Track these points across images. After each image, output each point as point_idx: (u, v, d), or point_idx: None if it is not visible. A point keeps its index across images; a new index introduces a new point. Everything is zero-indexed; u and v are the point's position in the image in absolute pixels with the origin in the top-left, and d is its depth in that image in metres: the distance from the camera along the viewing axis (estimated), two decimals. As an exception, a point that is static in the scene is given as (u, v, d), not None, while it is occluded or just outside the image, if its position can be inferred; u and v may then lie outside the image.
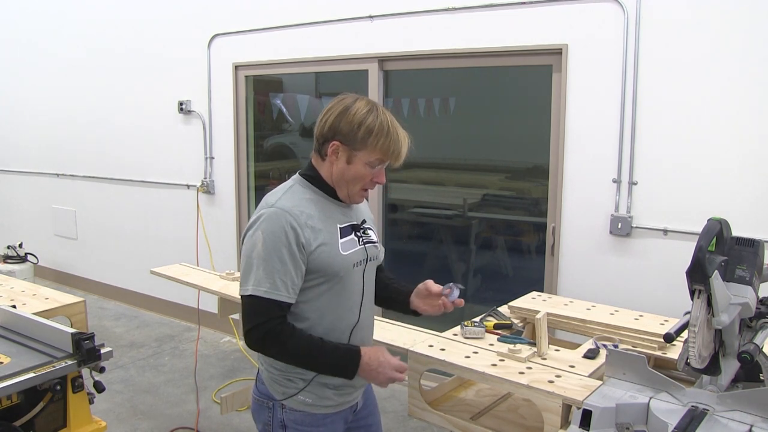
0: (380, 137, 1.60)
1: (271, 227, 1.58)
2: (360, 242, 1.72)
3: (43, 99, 5.99)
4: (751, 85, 2.82)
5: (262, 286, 1.57)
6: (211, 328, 4.88)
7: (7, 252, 5.81)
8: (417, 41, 3.71)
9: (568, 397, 1.79)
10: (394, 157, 1.64)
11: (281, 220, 1.58)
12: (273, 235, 1.57)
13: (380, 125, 1.60)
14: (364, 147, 1.61)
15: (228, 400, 3.08)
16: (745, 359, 1.58)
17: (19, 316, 2.17)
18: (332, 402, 1.73)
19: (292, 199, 1.64)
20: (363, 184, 1.67)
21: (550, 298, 2.83)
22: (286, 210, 1.60)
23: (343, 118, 1.61)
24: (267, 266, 1.57)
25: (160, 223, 5.26)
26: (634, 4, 3.03)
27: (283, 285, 1.57)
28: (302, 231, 1.59)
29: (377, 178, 1.67)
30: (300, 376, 1.69)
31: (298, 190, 1.68)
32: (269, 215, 1.59)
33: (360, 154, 1.62)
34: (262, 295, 1.57)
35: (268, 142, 4.97)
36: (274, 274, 1.56)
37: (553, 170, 3.40)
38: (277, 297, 1.57)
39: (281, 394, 1.71)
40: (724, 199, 2.91)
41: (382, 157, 1.63)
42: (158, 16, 4.97)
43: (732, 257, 1.64)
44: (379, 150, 1.61)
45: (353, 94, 1.69)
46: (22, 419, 1.83)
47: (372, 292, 1.82)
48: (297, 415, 1.71)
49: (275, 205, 1.61)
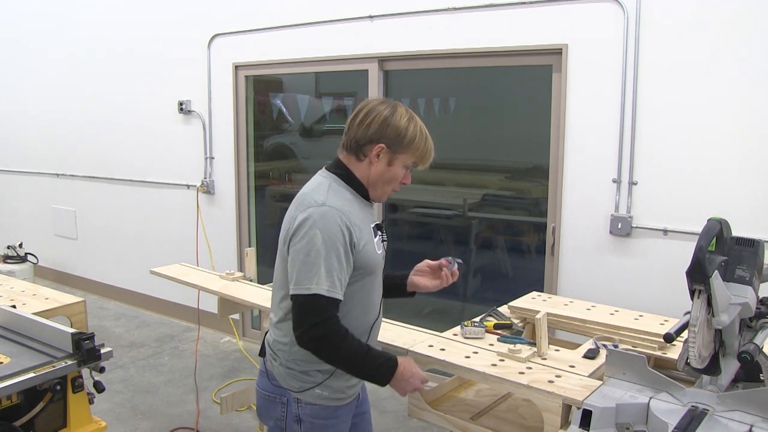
0: (420, 142, 1.73)
1: (328, 226, 1.62)
2: (382, 242, 1.81)
3: (43, 99, 5.99)
4: (751, 85, 2.82)
5: (324, 285, 1.60)
6: (211, 328, 4.88)
7: (7, 252, 5.81)
8: (417, 41, 3.71)
9: (568, 397, 1.79)
10: (426, 160, 1.77)
11: (336, 219, 1.63)
12: (331, 233, 1.61)
13: (420, 132, 1.73)
14: (406, 151, 1.72)
15: (228, 400, 3.07)
16: (745, 359, 1.58)
17: (19, 316, 2.17)
18: (344, 395, 1.79)
19: (338, 198, 1.69)
20: (394, 186, 1.78)
21: (550, 298, 2.83)
22: (338, 209, 1.65)
23: (390, 124, 1.70)
24: (327, 264, 1.60)
25: (160, 223, 5.26)
26: (634, 4, 3.03)
27: (340, 284, 1.62)
28: (353, 230, 1.65)
29: (405, 179, 1.79)
30: (318, 369, 1.73)
31: (338, 189, 1.72)
32: (324, 214, 1.63)
33: (401, 157, 1.72)
34: (324, 294, 1.59)
35: (268, 142, 4.97)
36: (333, 273, 1.61)
37: (553, 170, 3.41)
38: (336, 296, 1.62)
39: (298, 387, 1.75)
40: (724, 199, 2.91)
41: (417, 161, 1.75)
42: (158, 16, 4.97)
43: (732, 257, 1.64)
44: (418, 154, 1.74)
45: (385, 99, 1.79)
46: (22, 419, 1.83)
47: None
48: (313, 409, 1.75)
49: (326, 204, 1.65)
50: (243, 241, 4.78)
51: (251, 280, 3.19)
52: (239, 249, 4.76)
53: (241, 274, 3.21)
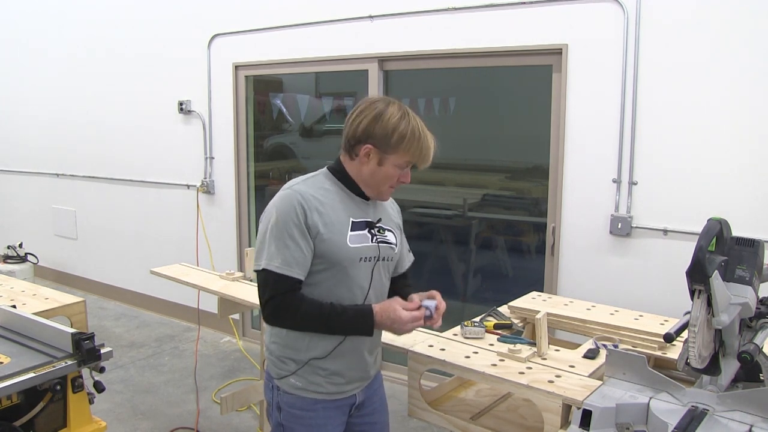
0: (412, 142, 1.68)
1: (283, 206, 1.67)
2: (373, 240, 1.77)
3: (43, 99, 5.99)
4: (751, 85, 2.82)
5: (275, 261, 1.64)
6: (211, 328, 4.88)
7: (7, 252, 5.81)
8: (417, 41, 3.71)
9: (568, 397, 1.79)
10: (423, 160, 1.73)
11: (292, 200, 1.67)
12: (285, 213, 1.66)
13: (412, 131, 1.68)
14: (395, 151, 1.69)
15: (228, 400, 3.07)
16: (745, 359, 1.58)
17: (19, 316, 2.17)
18: (323, 389, 1.77)
19: (308, 185, 1.73)
20: (390, 184, 1.75)
21: (550, 298, 2.83)
22: (298, 192, 1.69)
23: (378, 123, 1.67)
24: (278, 243, 1.65)
25: (160, 223, 5.26)
26: (634, 4, 3.03)
27: (294, 261, 1.64)
28: (310, 213, 1.66)
29: (404, 178, 1.75)
30: (292, 357, 1.75)
31: (318, 180, 1.77)
32: (283, 196, 1.70)
33: (391, 157, 1.70)
34: (274, 269, 1.64)
35: (268, 142, 4.97)
36: (285, 251, 1.64)
37: (553, 170, 3.41)
38: (289, 273, 1.64)
39: (276, 374, 1.80)
40: (724, 199, 2.91)
41: (411, 160, 1.72)
42: (158, 16, 4.97)
43: (732, 257, 1.64)
44: (409, 154, 1.70)
45: (384, 96, 1.79)
46: (22, 419, 1.82)
47: (382, 291, 1.85)
48: (289, 398, 1.78)
49: (291, 188, 1.71)
50: (243, 241, 4.78)
51: (251, 280, 3.19)
52: (239, 249, 4.76)
53: (241, 274, 3.21)
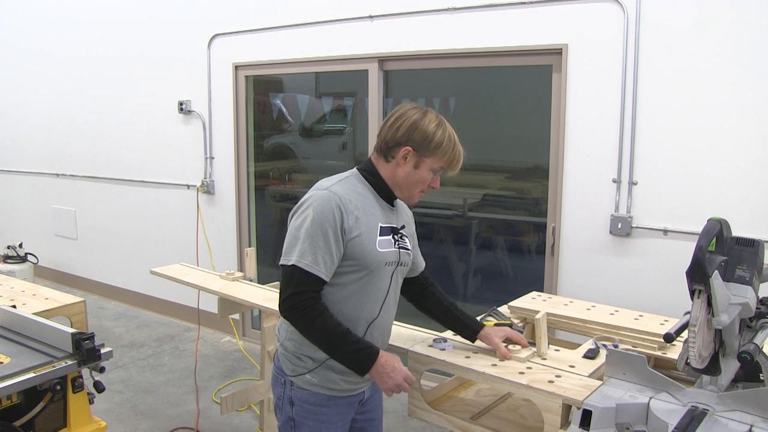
0: (448, 149, 1.78)
1: (321, 207, 1.70)
2: (395, 245, 1.83)
3: (42, 99, 5.99)
4: (752, 85, 2.82)
5: (305, 259, 1.67)
6: (211, 328, 4.88)
7: (7, 252, 5.81)
8: (417, 41, 3.71)
9: (568, 397, 1.79)
10: (455, 166, 1.82)
11: (331, 202, 1.71)
12: (322, 214, 1.69)
13: (449, 137, 1.79)
14: (433, 155, 1.77)
15: (228, 400, 3.07)
16: (745, 359, 1.58)
17: (19, 316, 2.17)
18: (337, 386, 1.82)
19: (344, 187, 1.77)
20: (422, 188, 1.83)
21: (550, 298, 2.83)
22: (336, 194, 1.73)
23: (418, 128, 1.76)
24: (312, 242, 1.68)
25: (160, 223, 5.26)
26: (634, 4, 3.03)
27: (323, 262, 1.68)
28: (347, 216, 1.71)
29: (434, 183, 1.84)
30: (309, 355, 1.79)
31: (352, 182, 1.81)
32: (321, 196, 1.72)
33: (428, 160, 1.78)
34: (304, 267, 1.67)
35: (268, 142, 4.97)
36: (317, 251, 1.68)
37: (553, 170, 3.40)
38: (317, 272, 1.68)
39: (291, 371, 1.83)
40: (724, 199, 2.91)
41: (444, 166, 1.81)
42: (158, 16, 4.97)
43: (732, 257, 1.64)
44: (445, 159, 1.79)
45: (418, 104, 1.85)
46: (22, 419, 1.83)
47: (397, 295, 1.93)
48: (303, 394, 1.82)
49: (329, 189, 1.74)
50: (243, 241, 4.78)
51: (251, 280, 3.19)
52: (239, 249, 4.76)
53: (241, 274, 3.21)
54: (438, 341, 2.19)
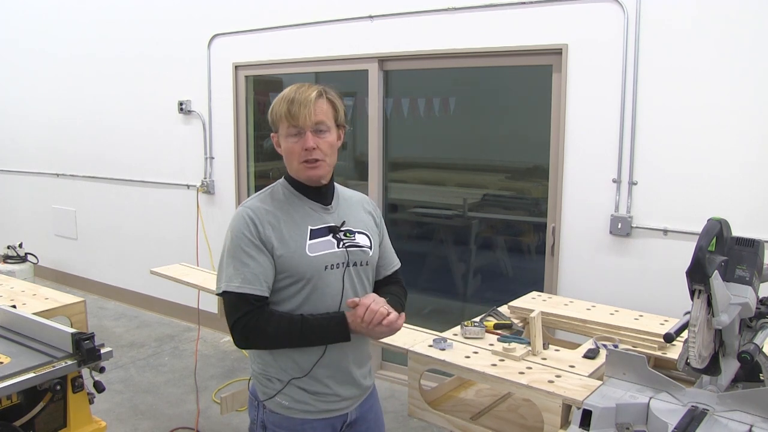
0: (278, 106, 1.65)
1: (236, 225, 1.64)
2: (339, 245, 1.68)
3: (43, 99, 5.99)
4: (752, 85, 2.82)
5: (234, 282, 1.59)
6: (211, 328, 4.88)
7: (7, 252, 5.81)
8: (417, 41, 3.71)
9: (568, 397, 1.79)
10: (295, 112, 1.62)
11: (243, 217, 1.64)
12: (238, 232, 1.63)
13: (279, 97, 1.66)
14: (279, 124, 1.67)
15: (228, 400, 3.08)
16: (745, 359, 1.58)
17: (19, 316, 2.17)
18: (311, 408, 1.69)
19: (260, 200, 1.70)
20: (299, 158, 1.65)
21: (550, 298, 2.83)
22: (249, 208, 1.66)
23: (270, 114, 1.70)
24: (236, 262, 1.61)
25: (160, 223, 5.26)
26: (634, 5, 3.03)
27: (255, 278, 1.59)
28: (263, 227, 1.62)
29: (306, 144, 1.63)
30: (276, 376, 1.69)
31: (274, 191, 1.73)
32: (235, 216, 1.67)
33: (280, 132, 1.68)
34: (234, 290, 1.59)
35: (268, 142, 4.97)
36: (243, 270, 1.60)
37: (553, 170, 3.40)
38: (250, 291, 1.59)
39: (262, 394, 1.72)
40: (724, 199, 2.91)
41: (288, 123, 1.64)
42: (158, 16, 4.97)
43: (732, 257, 1.64)
44: (283, 117, 1.64)
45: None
46: (22, 419, 1.83)
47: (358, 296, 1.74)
48: (275, 417, 1.70)
49: (243, 205, 1.69)
50: (243, 241, 4.77)
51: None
52: (239, 249, 4.75)
53: (241, 274, 3.21)
54: (438, 341, 2.19)
